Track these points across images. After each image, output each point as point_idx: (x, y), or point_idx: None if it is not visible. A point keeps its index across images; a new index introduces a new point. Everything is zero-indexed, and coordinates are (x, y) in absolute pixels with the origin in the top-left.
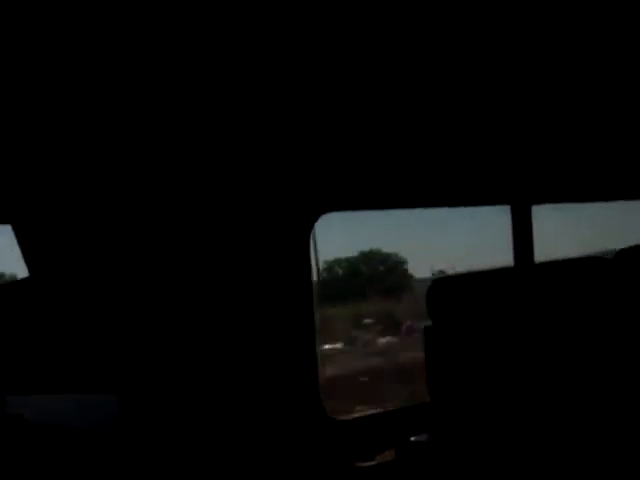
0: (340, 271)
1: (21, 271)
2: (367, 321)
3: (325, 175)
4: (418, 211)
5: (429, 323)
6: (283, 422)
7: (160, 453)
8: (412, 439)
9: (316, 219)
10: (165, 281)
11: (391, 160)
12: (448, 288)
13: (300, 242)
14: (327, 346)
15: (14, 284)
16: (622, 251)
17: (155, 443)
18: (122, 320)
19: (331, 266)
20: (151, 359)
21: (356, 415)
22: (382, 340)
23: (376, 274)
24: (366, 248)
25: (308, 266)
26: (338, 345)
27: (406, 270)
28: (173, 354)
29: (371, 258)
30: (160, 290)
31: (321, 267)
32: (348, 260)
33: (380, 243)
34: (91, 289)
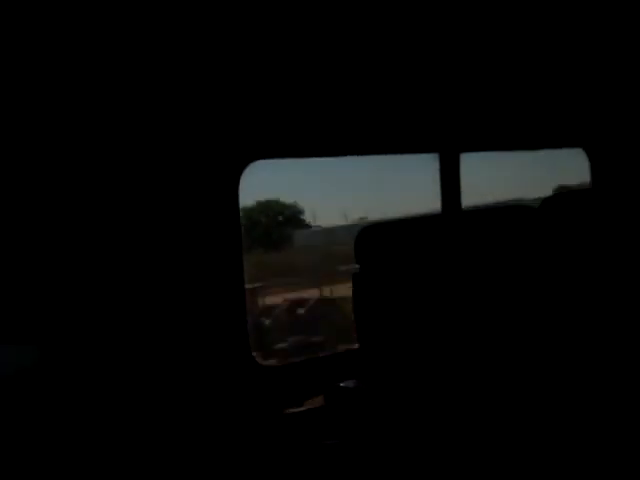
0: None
1: None
2: None
3: (254, 122)
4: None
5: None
6: (212, 368)
7: (85, 402)
8: (341, 385)
9: (245, 166)
10: (94, 225)
11: (320, 107)
12: (375, 234)
13: (229, 189)
14: None
15: None
16: (547, 199)
17: (79, 390)
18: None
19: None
20: (77, 303)
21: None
22: None
23: (273, 224)
24: (264, 198)
25: (237, 212)
26: None
27: (302, 220)
28: (98, 296)
29: (269, 208)
30: (89, 234)
31: None
32: (246, 210)
33: (288, 193)
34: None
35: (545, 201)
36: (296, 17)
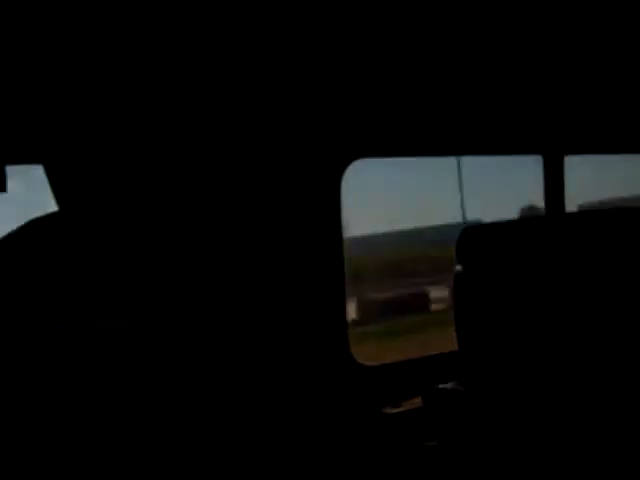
0: None
1: None
2: None
3: (357, 121)
4: None
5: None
6: (311, 367)
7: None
8: (439, 386)
9: (347, 164)
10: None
11: (424, 105)
12: (478, 235)
13: (331, 187)
14: None
15: None
16: None
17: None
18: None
19: None
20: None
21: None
22: None
23: None
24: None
25: (338, 211)
26: None
27: None
28: (203, 290)
29: None
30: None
31: None
32: None
33: None
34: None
35: None
36: (397, 20)
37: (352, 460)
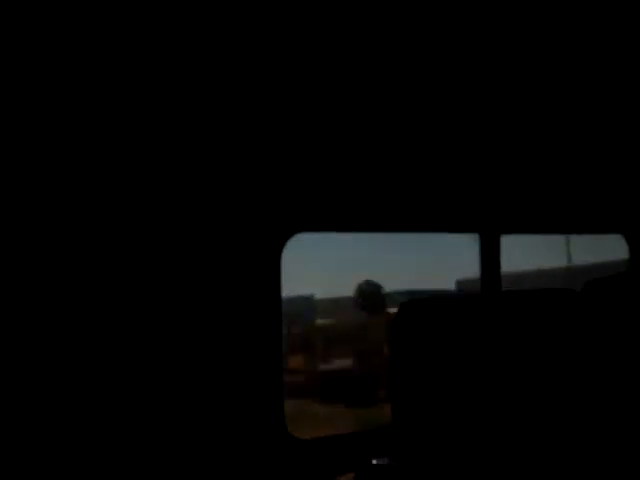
0: None
1: None
2: None
3: (299, 195)
4: None
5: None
6: (246, 439)
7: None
8: (373, 462)
9: (288, 238)
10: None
11: (363, 182)
12: (413, 312)
13: (272, 260)
14: None
15: None
16: (589, 283)
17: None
18: None
19: None
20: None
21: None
22: None
23: None
24: None
25: (278, 284)
26: None
27: None
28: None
29: None
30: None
31: None
32: None
33: None
34: None
35: (587, 285)
36: (332, 98)
37: None
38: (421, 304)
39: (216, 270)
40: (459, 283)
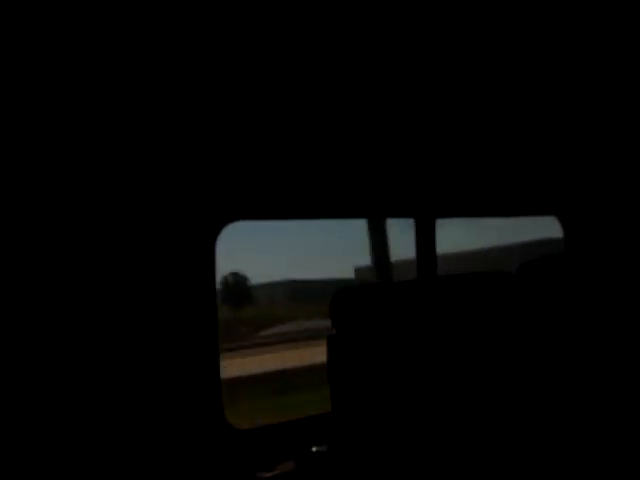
0: None
1: None
2: None
3: (233, 184)
4: None
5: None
6: (184, 429)
7: None
8: (313, 449)
9: (222, 227)
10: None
11: (298, 169)
12: (350, 298)
13: (206, 249)
14: None
15: None
16: (524, 264)
17: None
18: None
19: None
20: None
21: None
22: None
23: None
24: None
25: (213, 273)
26: None
27: None
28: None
29: None
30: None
31: None
32: None
33: None
34: None
35: (522, 266)
36: (271, 84)
37: None
38: (357, 290)
39: (150, 260)
40: (357, 271)
